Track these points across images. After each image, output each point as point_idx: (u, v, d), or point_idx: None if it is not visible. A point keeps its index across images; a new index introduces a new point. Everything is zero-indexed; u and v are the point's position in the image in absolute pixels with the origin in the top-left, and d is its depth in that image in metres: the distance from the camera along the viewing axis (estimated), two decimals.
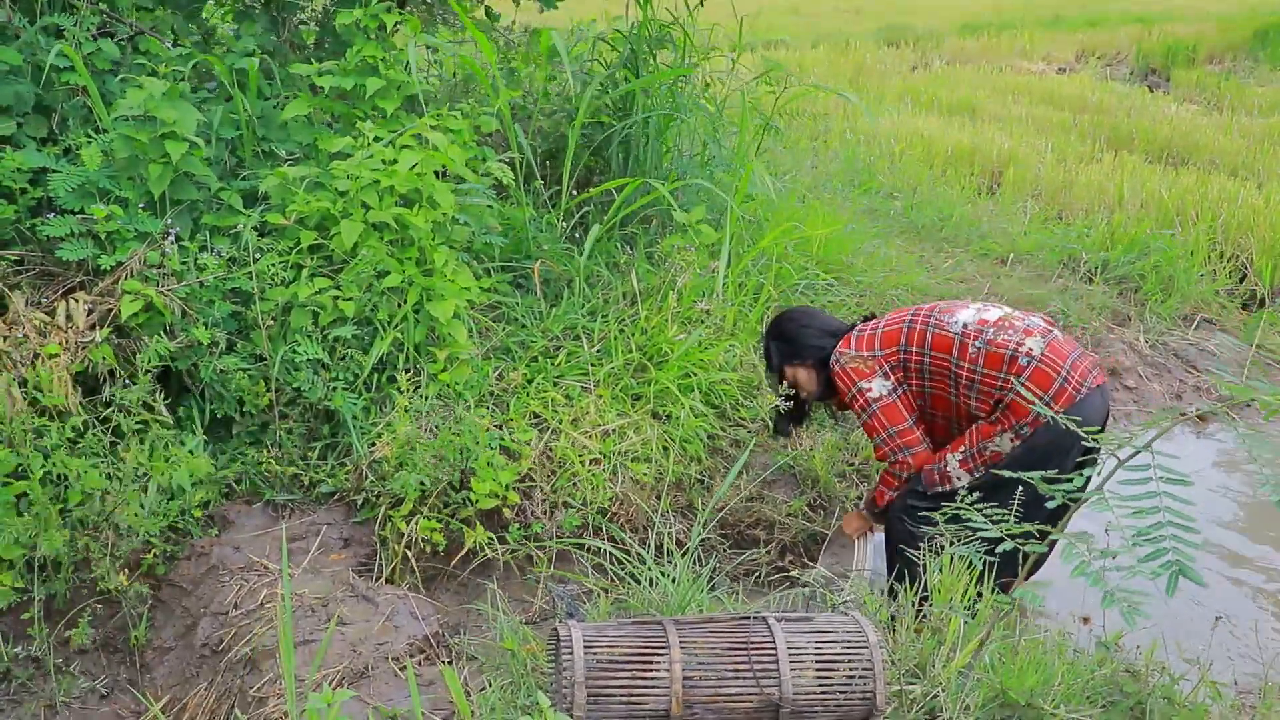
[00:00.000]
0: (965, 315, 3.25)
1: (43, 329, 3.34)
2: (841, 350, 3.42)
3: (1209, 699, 2.72)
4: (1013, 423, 3.13)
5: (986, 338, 3.16)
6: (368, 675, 2.83)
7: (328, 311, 3.59)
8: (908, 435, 3.33)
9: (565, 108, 5.04)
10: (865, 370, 3.34)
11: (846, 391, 3.39)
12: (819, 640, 2.50)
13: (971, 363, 3.18)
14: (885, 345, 3.34)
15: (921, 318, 3.31)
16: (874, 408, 3.33)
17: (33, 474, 3.06)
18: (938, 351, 3.25)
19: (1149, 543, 2.18)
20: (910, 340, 3.30)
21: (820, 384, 3.57)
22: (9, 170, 3.42)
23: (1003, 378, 3.13)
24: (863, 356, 3.35)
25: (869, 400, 3.33)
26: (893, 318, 3.41)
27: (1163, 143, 9.55)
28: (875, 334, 3.38)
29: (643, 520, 3.73)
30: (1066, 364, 3.12)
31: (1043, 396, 3.08)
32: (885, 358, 3.34)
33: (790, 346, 3.62)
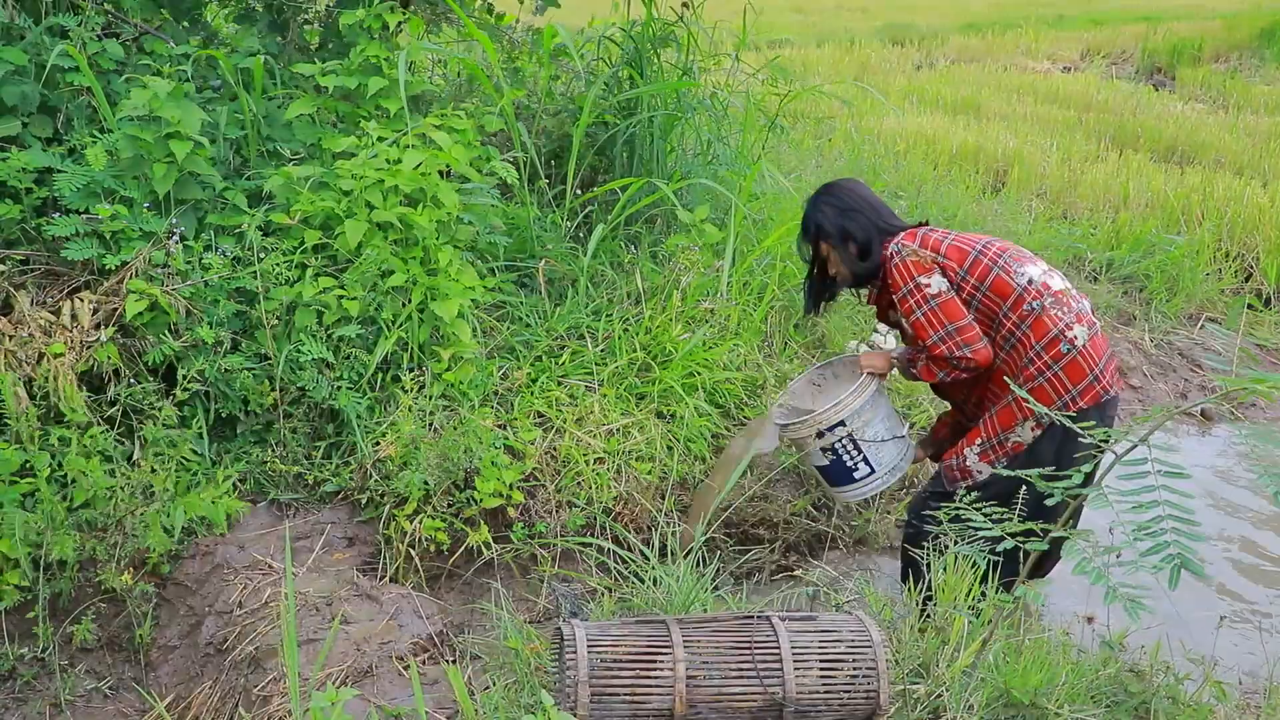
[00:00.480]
0: (1033, 271, 3.19)
1: (48, 328, 3.35)
2: (905, 242, 3.27)
3: (1214, 699, 2.71)
4: (1033, 412, 3.12)
5: (1044, 303, 3.13)
6: (371, 674, 2.84)
7: (332, 311, 3.59)
8: (968, 332, 3.18)
9: (569, 107, 5.04)
10: (925, 266, 3.21)
11: (901, 285, 3.25)
12: (823, 640, 2.50)
13: (1020, 319, 3.15)
14: (949, 256, 3.24)
15: (991, 254, 3.22)
16: (933, 303, 3.19)
17: (39, 473, 3.07)
18: (994, 293, 3.18)
19: (1149, 537, 2.18)
20: (972, 270, 3.21)
21: (855, 268, 3.43)
22: (14, 170, 3.43)
23: (1038, 352, 3.12)
24: (924, 254, 3.23)
25: (927, 296, 3.20)
26: (961, 238, 3.30)
27: (1168, 142, 9.53)
28: (943, 241, 3.27)
29: (647, 520, 3.73)
30: (1101, 363, 3.14)
31: (1071, 390, 3.10)
32: (945, 264, 3.23)
33: (839, 221, 3.43)
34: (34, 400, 3.25)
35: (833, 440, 3.42)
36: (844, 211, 3.42)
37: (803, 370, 4.14)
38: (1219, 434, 5.15)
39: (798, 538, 3.96)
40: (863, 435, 3.40)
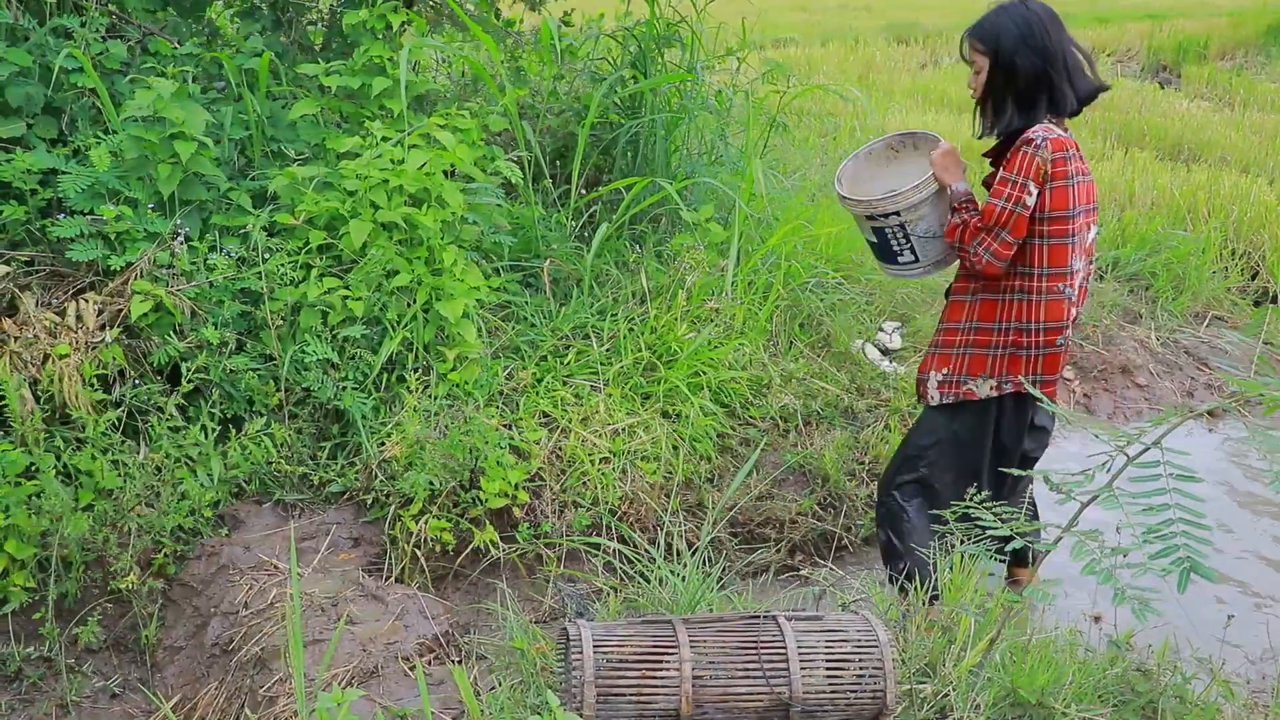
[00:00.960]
0: (1079, 264, 3.12)
1: (53, 329, 3.36)
2: (1049, 145, 2.98)
3: (1221, 698, 2.70)
4: (1001, 373, 3.18)
5: (1072, 296, 3.11)
6: (377, 675, 2.83)
7: (337, 311, 3.59)
8: (1008, 249, 3.06)
9: (574, 106, 5.03)
10: (1041, 178, 2.98)
11: (1013, 172, 3.01)
12: (829, 639, 2.50)
13: (1047, 290, 3.09)
14: (1054, 193, 3.01)
15: (1077, 225, 3.05)
16: (1017, 208, 3.00)
17: (45, 474, 3.07)
18: (1051, 253, 3.06)
19: (1159, 539, 2.17)
20: (1053, 221, 3.03)
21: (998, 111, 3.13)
22: (19, 171, 3.44)
23: (1039, 330, 3.11)
24: (1048, 167, 2.98)
25: (1020, 199, 3.00)
26: (1083, 188, 3.04)
27: (1174, 139, 9.50)
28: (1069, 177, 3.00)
29: (652, 519, 3.72)
30: (1060, 369, 3.20)
31: (1040, 376, 3.14)
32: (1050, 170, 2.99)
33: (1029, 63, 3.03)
34: (39, 402, 3.25)
35: (884, 224, 3.30)
36: (1047, 58, 3.04)
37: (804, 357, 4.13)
38: (1225, 433, 5.13)
39: (803, 537, 3.95)
40: (914, 229, 3.28)
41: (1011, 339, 3.16)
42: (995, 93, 3.11)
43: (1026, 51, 3.03)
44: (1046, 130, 3.01)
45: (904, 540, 3.34)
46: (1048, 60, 3.03)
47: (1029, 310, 3.12)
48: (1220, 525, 4.23)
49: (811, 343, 4.73)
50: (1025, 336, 3.13)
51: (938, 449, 3.34)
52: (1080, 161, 3.06)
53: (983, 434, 3.30)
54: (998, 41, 3.06)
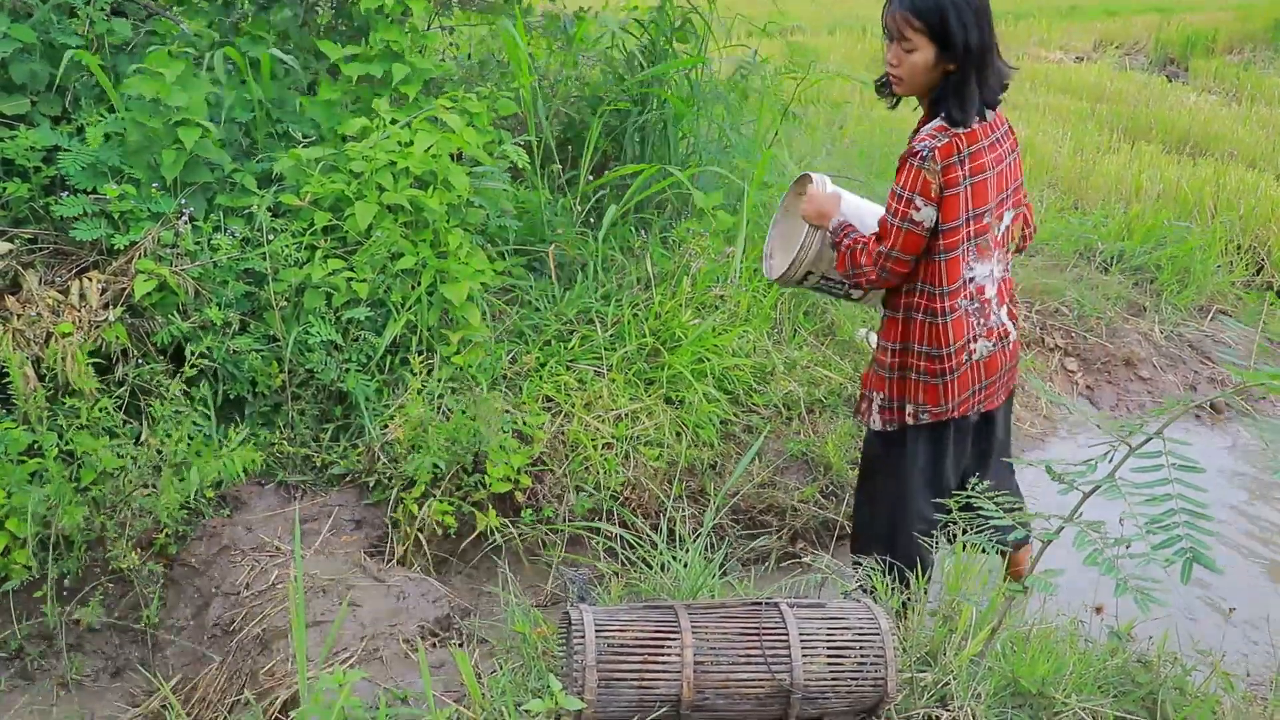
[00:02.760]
0: (981, 270, 2.96)
1: (56, 308, 3.35)
2: (937, 153, 2.80)
3: (1221, 690, 2.71)
4: (919, 401, 3.05)
5: (969, 307, 2.96)
6: (378, 657, 2.83)
7: (341, 293, 3.59)
8: (900, 267, 2.91)
9: (583, 93, 5.02)
10: (931, 192, 2.81)
11: (900, 185, 2.85)
12: (831, 626, 2.49)
13: (942, 310, 2.94)
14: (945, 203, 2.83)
15: (970, 230, 2.89)
16: (905, 225, 2.85)
17: (47, 452, 3.07)
18: (944, 268, 2.91)
19: (1162, 530, 2.17)
20: (946, 234, 2.87)
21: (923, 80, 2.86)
22: (22, 148, 3.42)
23: (941, 352, 2.98)
24: (936, 179, 2.80)
25: (908, 215, 2.84)
26: (977, 189, 2.86)
27: (1181, 133, 9.47)
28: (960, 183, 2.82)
29: (655, 505, 3.72)
30: (988, 379, 3.06)
31: (955, 399, 3.02)
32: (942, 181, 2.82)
33: (972, 39, 2.76)
34: (42, 380, 3.25)
35: (813, 282, 3.29)
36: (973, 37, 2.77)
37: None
38: (1229, 427, 5.12)
39: (805, 525, 3.95)
40: (833, 274, 3.23)
41: (924, 365, 3.02)
42: (923, 75, 2.84)
43: (970, 30, 2.75)
44: (933, 137, 2.80)
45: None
46: (986, 42, 2.79)
47: (931, 327, 2.98)
48: (1221, 517, 4.22)
49: (815, 330, 4.72)
50: (937, 363, 2.99)
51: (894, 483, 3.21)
52: (984, 156, 2.85)
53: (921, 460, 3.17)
54: (942, 15, 2.75)
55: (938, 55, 2.79)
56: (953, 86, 2.81)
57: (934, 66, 2.81)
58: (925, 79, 2.84)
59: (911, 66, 2.83)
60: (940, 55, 2.79)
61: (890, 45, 2.87)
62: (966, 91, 2.80)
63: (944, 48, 2.77)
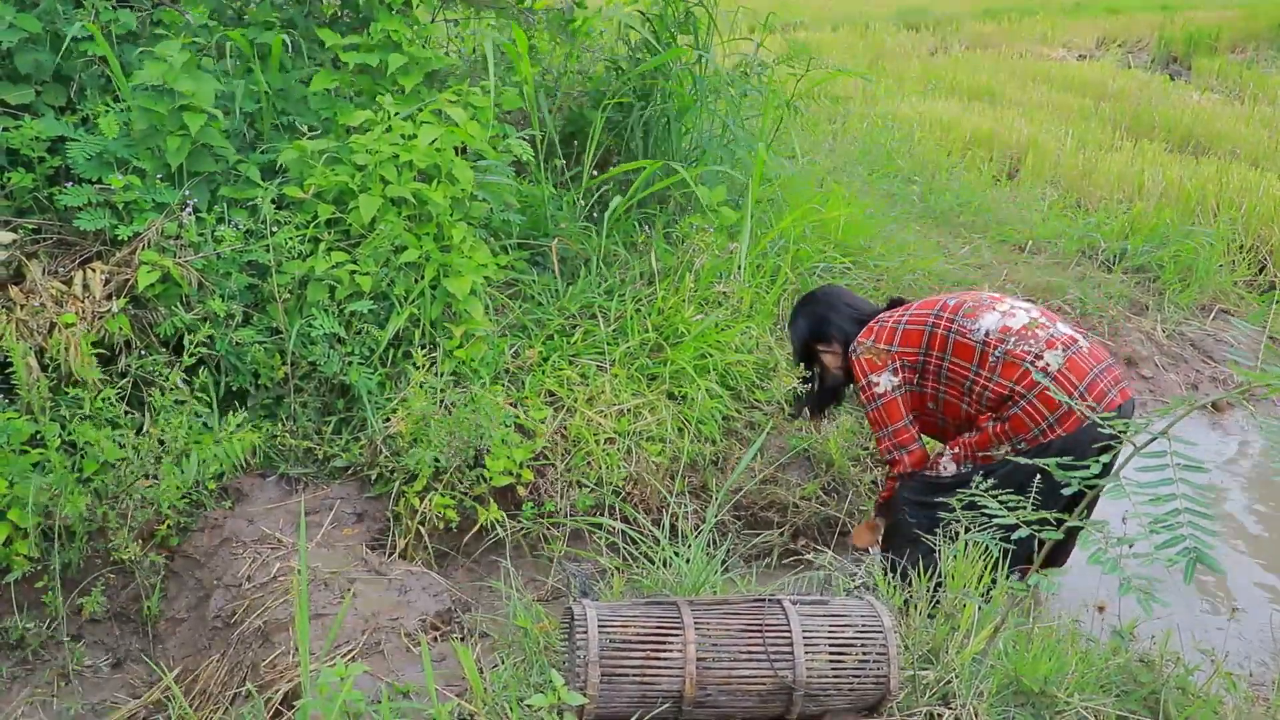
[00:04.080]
0: (988, 321, 3.16)
1: (60, 298, 3.34)
2: (861, 340, 3.38)
3: (1223, 690, 2.71)
4: (1011, 438, 3.11)
5: (1006, 347, 3.10)
6: (380, 650, 2.83)
7: (344, 286, 3.58)
8: (903, 434, 3.34)
9: (586, 88, 5.01)
10: (878, 363, 3.31)
11: (859, 379, 3.37)
12: (833, 624, 2.49)
13: (990, 372, 3.13)
14: (904, 343, 3.29)
15: (945, 322, 3.23)
16: (878, 402, 3.33)
17: (49, 443, 3.06)
18: (958, 359, 3.20)
19: (1166, 530, 2.16)
20: (932, 344, 3.25)
21: (842, 364, 3.53)
22: (27, 138, 3.41)
23: (1012, 387, 3.09)
24: (878, 349, 3.32)
25: (875, 394, 3.33)
26: (916, 315, 3.32)
27: (1184, 132, 9.47)
28: (897, 329, 3.32)
29: (656, 501, 3.72)
30: (1083, 384, 3.04)
31: (1049, 417, 3.03)
32: (901, 354, 3.29)
33: (820, 326, 3.56)
34: (45, 371, 3.25)
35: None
36: (822, 317, 3.57)
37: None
38: (1231, 425, 5.12)
39: (807, 521, 3.95)
40: None
41: (998, 404, 3.16)
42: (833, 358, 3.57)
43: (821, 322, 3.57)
44: (857, 342, 3.39)
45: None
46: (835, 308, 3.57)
47: (996, 390, 3.13)
48: (1223, 517, 4.23)
49: None
50: (1008, 401, 3.11)
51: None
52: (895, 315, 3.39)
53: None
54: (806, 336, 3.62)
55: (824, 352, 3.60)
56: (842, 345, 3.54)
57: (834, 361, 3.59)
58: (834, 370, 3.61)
59: (830, 370, 3.62)
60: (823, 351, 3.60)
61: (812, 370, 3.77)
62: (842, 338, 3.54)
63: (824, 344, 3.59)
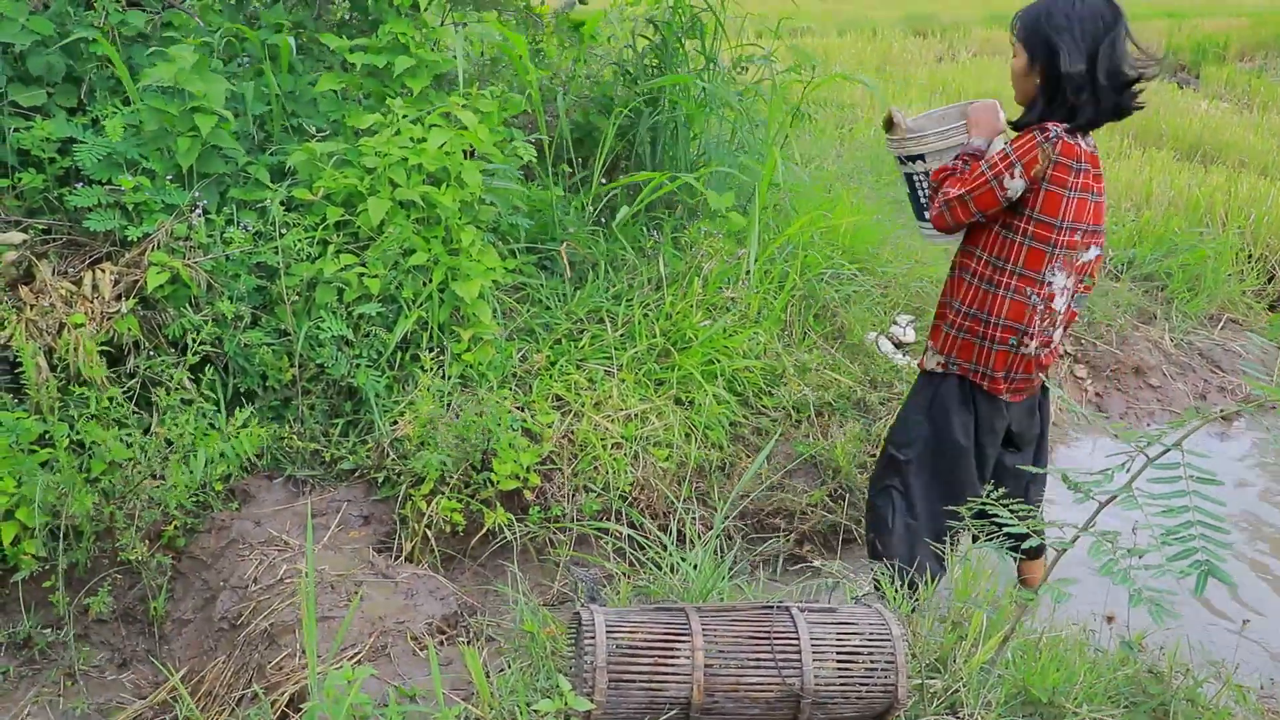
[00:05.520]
0: (1059, 281, 3.05)
1: (69, 298, 3.35)
2: (1063, 146, 2.92)
3: (1233, 702, 2.70)
4: (950, 353, 3.25)
5: (1040, 308, 3.08)
6: (386, 653, 2.83)
7: (353, 288, 3.58)
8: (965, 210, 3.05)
9: (593, 94, 5.01)
10: (1034, 169, 2.93)
11: (1010, 149, 2.97)
12: (841, 631, 2.49)
13: (1015, 290, 3.07)
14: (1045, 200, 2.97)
15: (1063, 240, 3.00)
16: (993, 184, 2.97)
17: (58, 443, 3.07)
18: (1030, 258, 3.03)
19: (1178, 541, 2.16)
20: (1040, 227, 2.99)
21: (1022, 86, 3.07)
22: (38, 139, 3.42)
23: (998, 324, 3.13)
24: (1048, 162, 2.92)
25: (1000, 177, 2.96)
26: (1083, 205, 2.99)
27: (1192, 140, 9.45)
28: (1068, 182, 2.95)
29: (663, 506, 3.71)
30: (1022, 374, 3.20)
31: (986, 369, 3.19)
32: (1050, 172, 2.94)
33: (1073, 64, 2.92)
34: (54, 371, 3.25)
35: (912, 170, 3.30)
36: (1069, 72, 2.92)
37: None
38: (1240, 435, 5.11)
39: (813, 528, 3.94)
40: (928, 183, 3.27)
41: (967, 324, 3.19)
42: (1018, 81, 3.08)
43: (1062, 50, 2.90)
44: (1066, 131, 2.93)
45: (885, 544, 3.36)
46: (1083, 64, 2.91)
47: (990, 302, 3.13)
48: (1232, 529, 4.21)
49: (825, 334, 4.71)
50: (980, 326, 3.16)
51: (919, 437, 3.36)
52: (1090, 178, 3.00)
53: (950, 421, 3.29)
54: (1035, 31, 2.97)
55: (1028, 65, 3.01)
56: (1045, 102, 3.01)
57: (1025, 75, 3.04)
58: (1020, 85, 3.08)
59: (1012, 72, 3.09)
60: (1029, 66, 3.01)
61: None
62: (1066, 108, 2.97)
63: (1033, 60, 2.99)
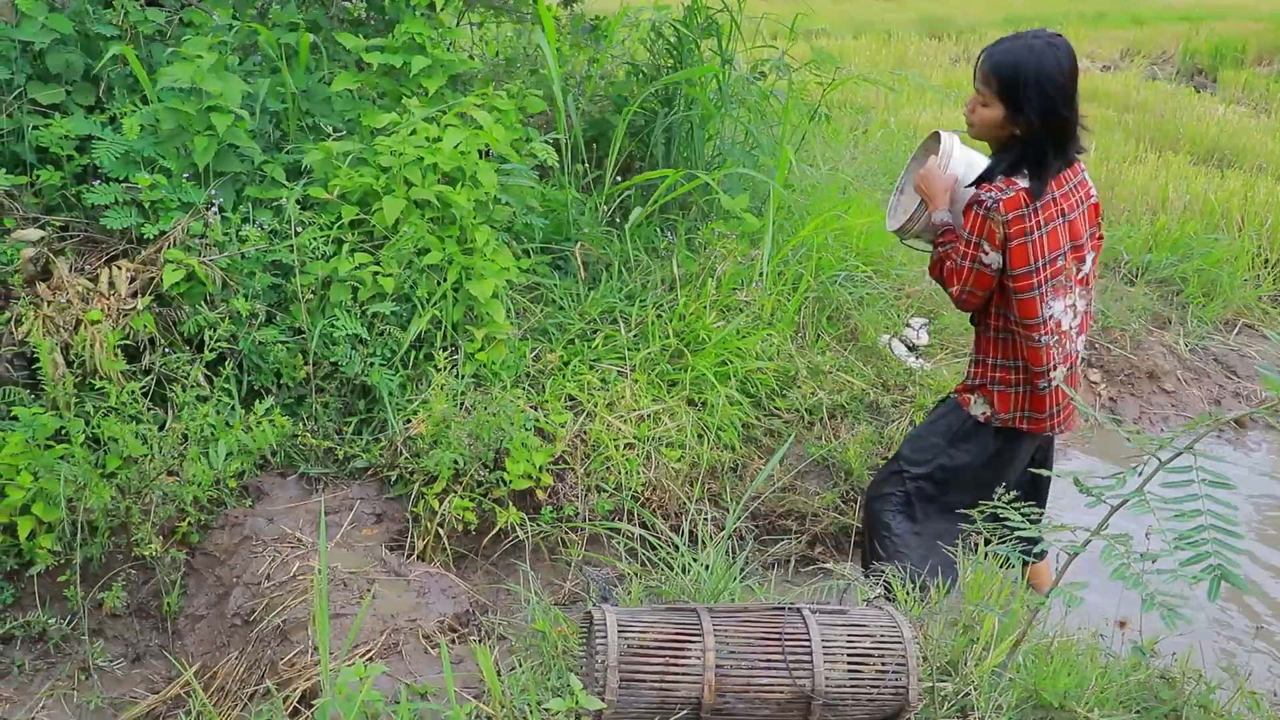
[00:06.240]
0: (1058, 307, 3.07)
1: (86, 295, 3.37)
2: (1001, 205, 2.93)
3: (1246, 709, 2.68)
4: (994, 407, 3.27)
5: (1049, 341, 3.10)
6: (398, 651, 2.84)
7: (367, 287, 3.59)
8: (977, 298, 3.12)
9: (609, 94, 5.02)
10: (996, 240, 2.96)
11: (968, 231, 3.02)
12: (853, 634, 2.49)
13: (1026, 340, 3.11)
14: (1012, 253, 2.98)
15: (1044, 275, 3.01)
16: (977, 266, 3.03)
17: (74, 438, 3.09)
18: (1021, 306, 3.05)
19: (1190, 546, 2.15)
20: (1018, 278, 3.01)
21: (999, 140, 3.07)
22: (56, 137, 3.45)
23: (1021, 371, 3.19)
24: (1002, 229, 2.95)
25: (979, 259, 3.02)
26: (1041, 242, 2.98)
27: (1209, 144, 9.39)
28: (1028, 231, 2.95)
29: (675, 507, 3.72)
30: (1061, 404, 3.22)
31: (1028, 413, 3.23)
32: (1007, 232, 2.95)
33: (1037, 110, 2.93)
34: (70, 367, 3.27)
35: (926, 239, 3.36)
36: (1049, 110, 2.93)
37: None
38: (1253, 441, 5.09)
39: (824, 530, 3.94)
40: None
41: (999, 375, 3.24)
42: (990, 130, 3.05)
43: (1038, 103, 2.92)
44: (1000, 190, 2.94)
45: (886, 548, 3.38)
46: (1054, 117, 2.94)
47: (1012, 349, 3.19)
48: (1245, 536, 4.19)
49: (839, 336, 4.71)
50: (1011, 374, 3.21)
51: (933, 461, 3.40)
52: (1055, 206, 2.99)
53: (971, 463, 3.35)
54: (1015, 83, 2.93)
55: (1006, 117, 2.98)
56: (1031, 155, 2.96)
57: (1002, 126, 3.01)
58: (992, 133, 3.06)
59: (981, 120, 3.05)
60: (1009, 118, 2.98)
61: (974, 93, 3.08)
62: (1044, 162, 2.97)
63: (1014, 112, 2.95)
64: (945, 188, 3.21)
